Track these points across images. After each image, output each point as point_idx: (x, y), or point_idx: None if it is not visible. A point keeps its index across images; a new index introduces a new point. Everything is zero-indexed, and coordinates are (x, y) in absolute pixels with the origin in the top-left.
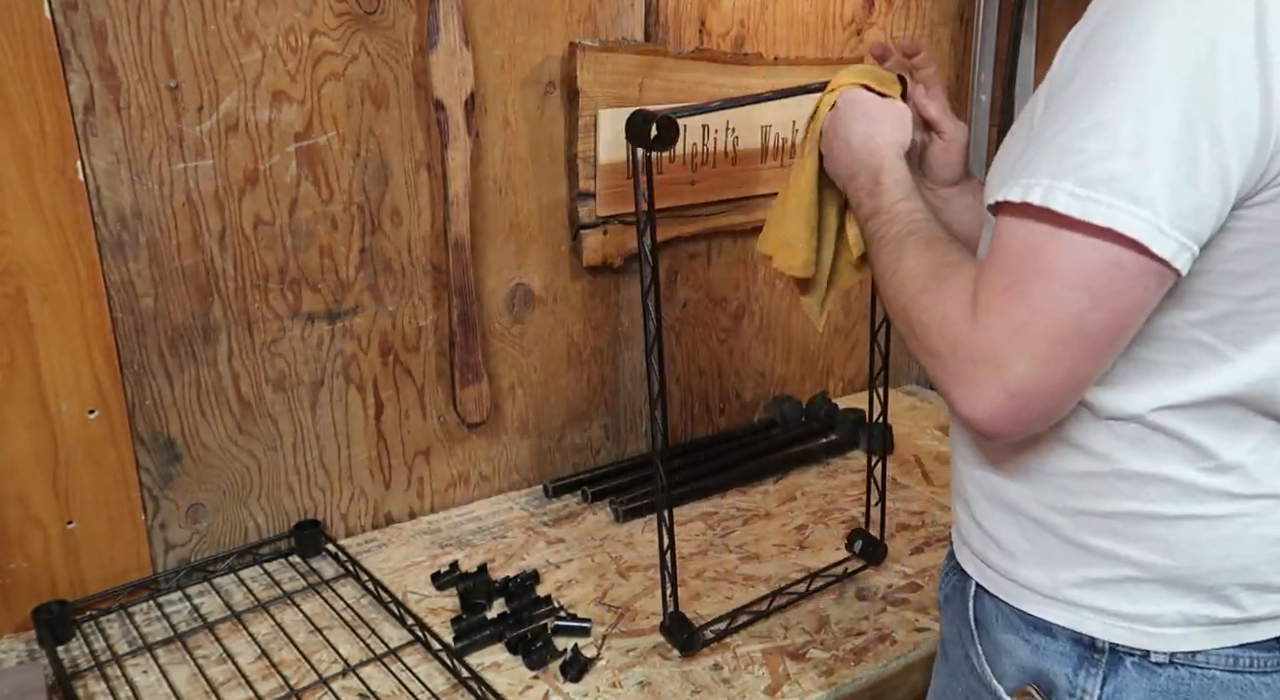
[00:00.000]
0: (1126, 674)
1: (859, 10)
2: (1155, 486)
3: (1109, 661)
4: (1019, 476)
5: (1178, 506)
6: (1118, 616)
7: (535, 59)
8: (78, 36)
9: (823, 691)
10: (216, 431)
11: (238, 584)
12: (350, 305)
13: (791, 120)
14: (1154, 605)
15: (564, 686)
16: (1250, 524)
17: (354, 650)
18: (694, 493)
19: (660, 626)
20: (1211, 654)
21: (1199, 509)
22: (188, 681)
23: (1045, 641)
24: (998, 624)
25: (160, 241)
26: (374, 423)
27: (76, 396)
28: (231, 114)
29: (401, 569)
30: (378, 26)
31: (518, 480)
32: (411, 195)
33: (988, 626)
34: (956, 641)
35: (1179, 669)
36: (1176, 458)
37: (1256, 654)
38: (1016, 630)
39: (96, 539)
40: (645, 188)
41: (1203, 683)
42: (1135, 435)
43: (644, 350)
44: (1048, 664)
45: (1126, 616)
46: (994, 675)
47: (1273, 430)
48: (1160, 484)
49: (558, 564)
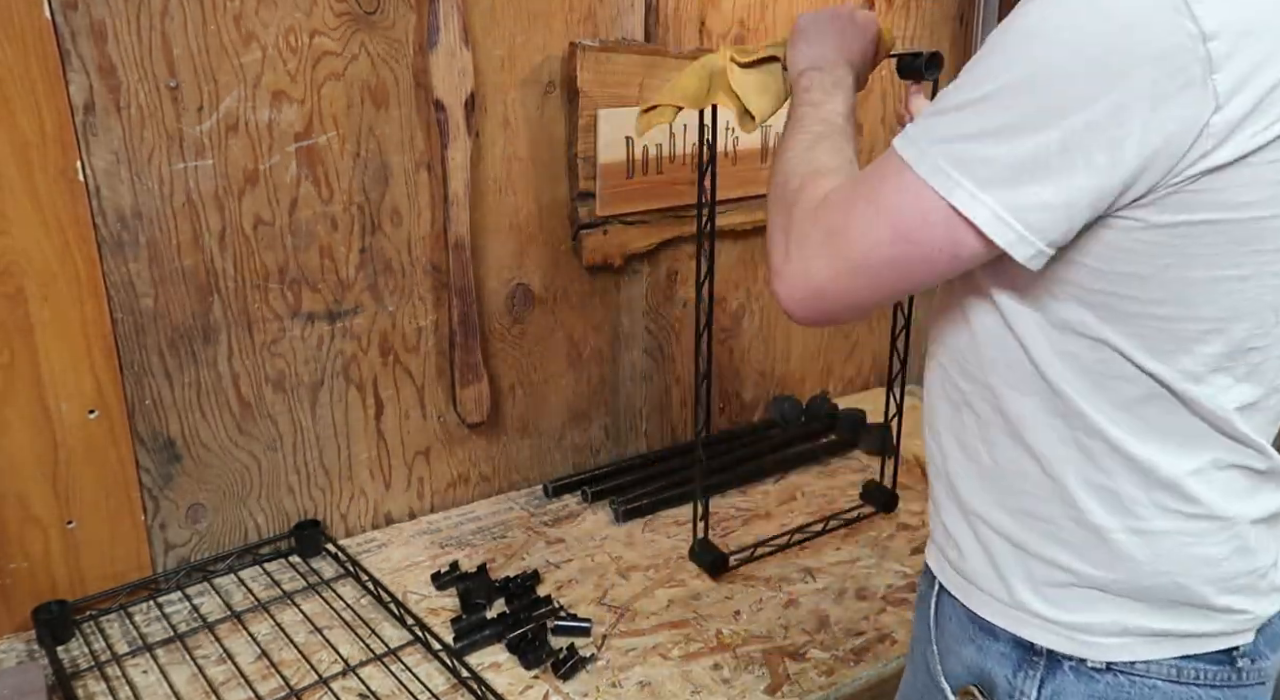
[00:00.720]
0: (1064, 678)
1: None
2: (1095, 495)
3: (1046, 665)
4: (973, 476)
5: (1116, 519)
6: (1055, 623)
7: (535, 59)
8: (78, 36)
9: (823, 691)
10: (216, 431)
11: (238, 584)
12: (350, 305)
13: None
14: (1091, 613)
15: (563, 686)
16: (1187, 543)
17: (354, 650)
18: (694, 493)
19: (689, 552)
20: (1152, 663)
21: (1136, 523)
22: (188, 681)
23: (988, 642)
24: (951, 623)
25: (160, 241)
26: (374, 423)
27: (76, 396)
28: (231, 114)
29: (401, 569)
30: (378, 26)
31: (518, 480)
32: (411, 195)
33: (943, 626)
34: (919, 640)
35: (1118, 676)
36: (1117, 468)
37: (1202, 665)
38: (965, 629)
39: (96, 539)
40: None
41: (1143, 691)
42: (1077, 441)
43: (694, 335)
44: (989, 664)
45: (1063, 624)
46: (942, 674)
47: (1223, 452)
48: (1100, 492)
49: (558, 564)
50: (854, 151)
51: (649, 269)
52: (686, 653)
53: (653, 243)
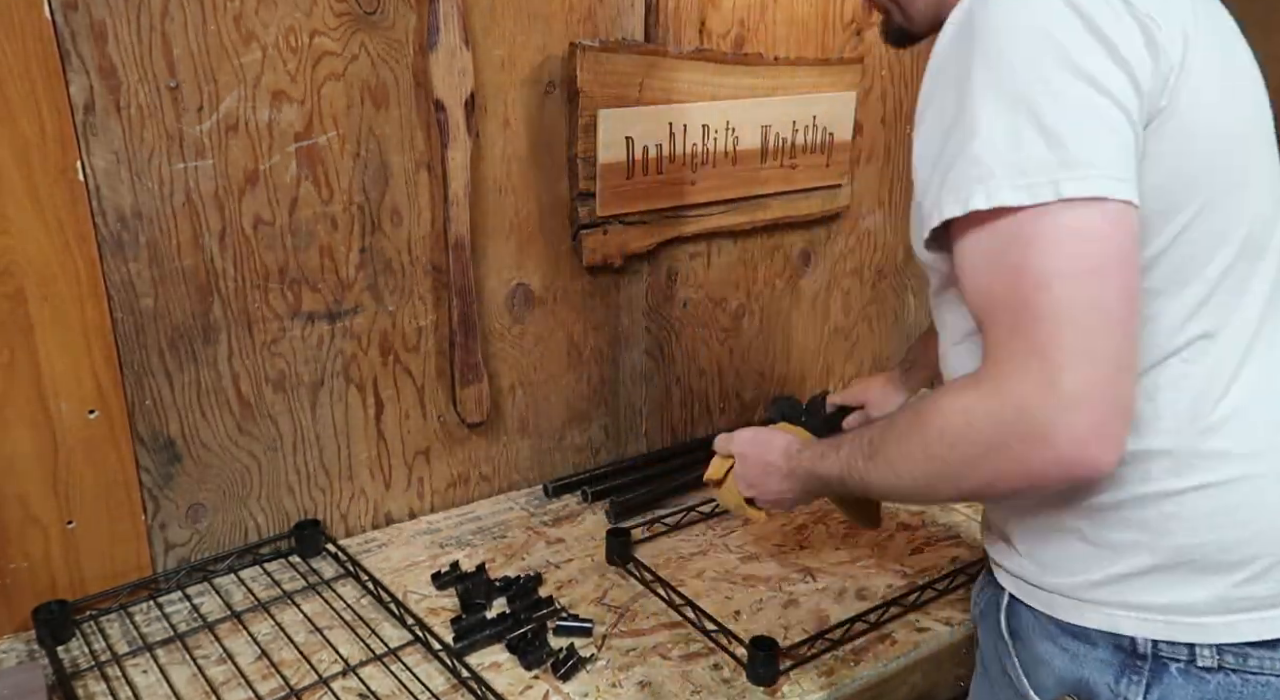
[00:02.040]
0: (1172, 681)
1: (859, 10)
2: (1152, 462)
3: (1153, 668)
4: None
5: (1180, 480)
6: (1151, 610)
7: (535, 59)
8: (78, 36)
9: (823, 691)
10: (216, 431)
11: (238, 584)
12: (350, 305)
13: (792, 120)
14: (1186, 592)
15: (564, 686)
16: (1264, 486)
17: (354, 650)
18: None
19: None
20: (1266, 658)
21: (1201, 478)
22: (188, 681)
23: (1084, 649)
24: (1034, 634)
25: (160, 241)
26: (374, 423)
27: (76, 396)
28: (231, 114)
29: (401, 569)
30: (378, 26)
31: (518, 480)
32: (411, 195)
33: (1024, 637)
34: (994, 656)
35: (1229, 675)
36: (1163, 426)
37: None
38: (1053, 639)
39: (96, 539)
40: None
41: (1257, 690)
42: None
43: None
44: (1087, 672)
45: (1161, 608)
46: (1031, 687)
47: (1256, 373)
48: (1156, 458)
49: (558, 564)
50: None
51: (649, 269)
52: (686, 653)
53: (653, 243)
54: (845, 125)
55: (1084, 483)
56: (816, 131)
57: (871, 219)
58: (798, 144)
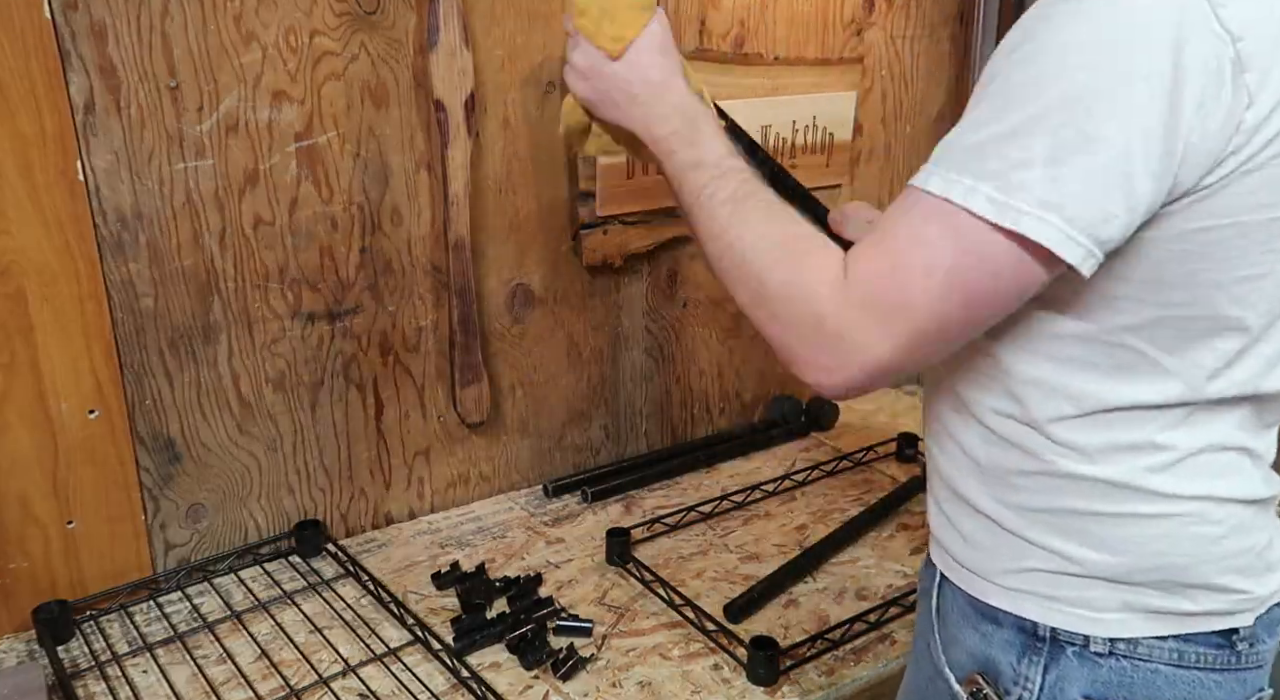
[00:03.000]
0: (1068, 663)
1: (859, 10)
2: (1091, 485)
3: (1050, 650)
4: (971, 472)
5: (1115, 505)
6: (1056, 601)
7: (535, 59)
8: (78, 36)
9: (823, 691)
10: (216, 431)
11: (238, 584)
12: (350, 305)
13: (792, 120)
14: (1092, 593)
15: (564, 686)
16: (1188, 523)
17: (354, 650)
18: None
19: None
20: (1155, 646)
21: (1136, 508)
22: (188, 681)
23: (992, 630)
24: (954, 613)
25: (160, 241)
26: (374, 423)
27: (76, 396)
28: (231, 114)
29: (401, 569)
30: (378, 26)
31: (518, 480)
32: (411, 195)
33: (945, 616)
34: (922, 632)
35: (1120, 660)
36: (1113, 457)
37: (1203, 649)
38: (968, 618)
39: (96, 539)
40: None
41: (1146, 676)
42: (1072, 437)
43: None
44: (994, 652)
45: (1065, 601)
46: (947, 663)
47: (1213, 433)
48: (1097, 483)
49: (558, 564)
50: (772, 193)
51: (649, 269)
52: (686, 653)
53: (653, 243)
54: (845, 125)
55: (791, 370)
56: (816, 131)
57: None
58: (798, 144)
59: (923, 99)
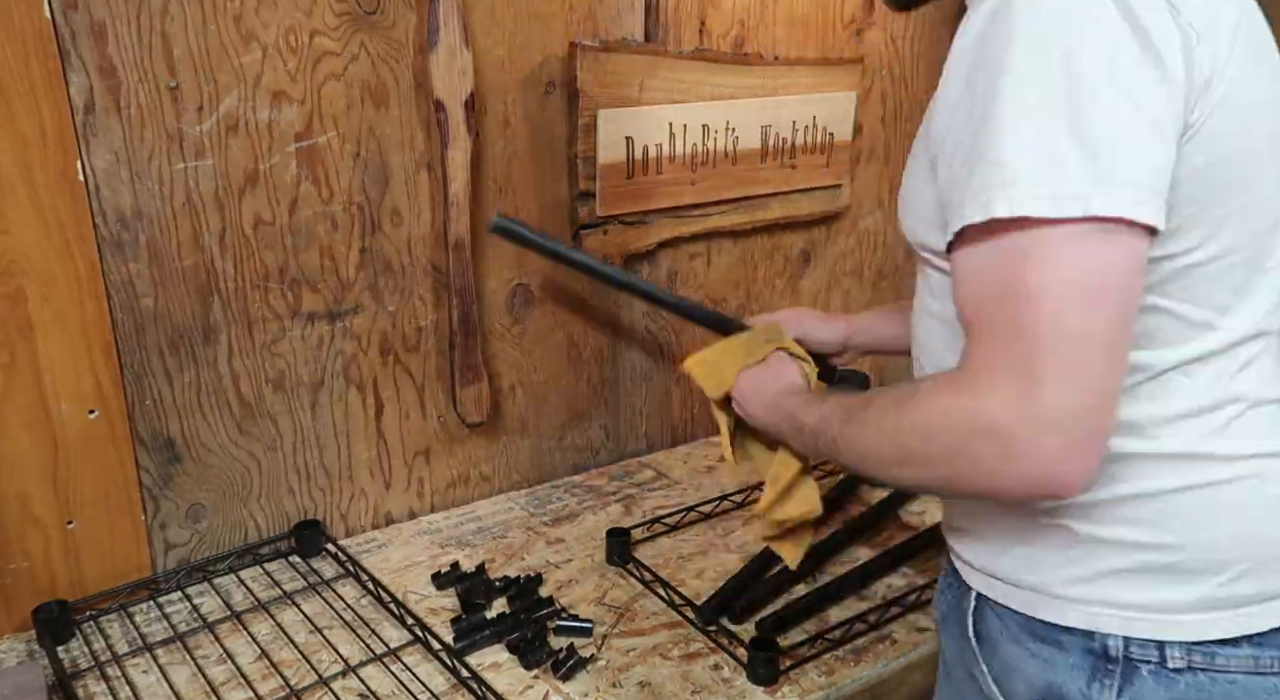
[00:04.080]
0: (1144, 683)
1: (859, 10)
2: (1154, 462)
3: (1124, 671)
4: None
5: (1180, 478)
6: (1135, 608)
7: (535, 59)
8: (78, 36)
9: (823, 691)
10: (216, 431)
11: (238, 584)
12: (350, 305)
13: (792, 120)
14: (1171, 591)
15: (564, 687)
16: (1252, 486)
17: (354, 650)
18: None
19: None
20: (1231, 656)
21: (1203, 474)
22: (188, 681)
23: (1054, 655)
24: (1003, 638)
25: (160, 241)
26: (374, 423)
27: (76, 396)
28: (231, 114)
29: (401, 569)
30: (378, 26)
31: (518, 480)
32: (411, 195)
33: (992, 642)
34: (959, 661)
35: (1198, 674)
36: (1167, 428)
37: (1277, 652)
38: (1022, 644)
39: (96, 539)
40: None
41: (1225, 688)
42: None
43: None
44: (1059, 678)
45: (1140, 606)
46: (1001, 694)
47: (1247, 385)
48: (1159, 458)
49: (558, 564)
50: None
51: (649, 269)
52: (686, 653)
53: (653, 243)
54: (845, 125)
55: (1048, 500)
56: (816, 131)
57: (871, 219)
58: (798, 144)
59: (923, 99)
